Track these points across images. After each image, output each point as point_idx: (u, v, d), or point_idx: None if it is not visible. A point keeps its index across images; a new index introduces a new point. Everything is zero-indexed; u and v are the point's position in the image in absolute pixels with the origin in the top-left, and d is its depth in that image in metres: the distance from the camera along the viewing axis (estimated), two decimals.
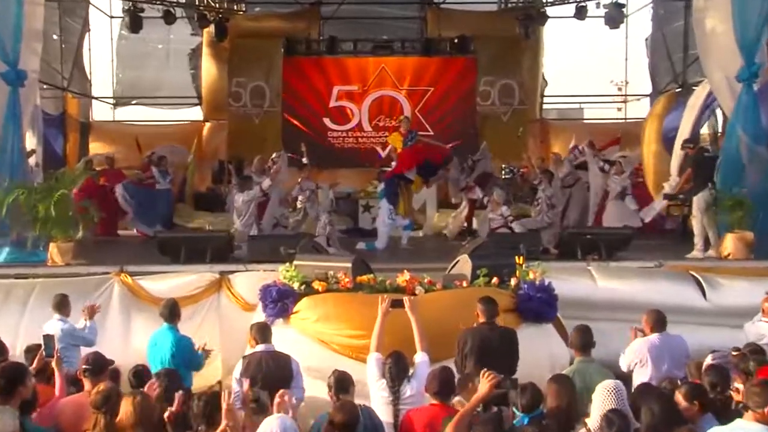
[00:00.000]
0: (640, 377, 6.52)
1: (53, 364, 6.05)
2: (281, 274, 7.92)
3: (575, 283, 8.85)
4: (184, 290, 8.89)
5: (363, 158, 18.16)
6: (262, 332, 6.55)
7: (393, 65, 18.25)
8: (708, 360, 6.12)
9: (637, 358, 6.63)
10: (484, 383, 5.04)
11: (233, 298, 8.95)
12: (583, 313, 8.11)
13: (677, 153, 12.55)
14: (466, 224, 14.21)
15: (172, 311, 7.13)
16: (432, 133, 18.00)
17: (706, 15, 10.75)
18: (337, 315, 7.36)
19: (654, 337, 6.71)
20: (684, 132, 12.37)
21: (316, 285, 7.69)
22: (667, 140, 15.20)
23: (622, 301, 8.70)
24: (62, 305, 7.57)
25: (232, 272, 9.32)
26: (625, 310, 8.29)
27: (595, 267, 9.40)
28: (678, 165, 12.43)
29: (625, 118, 20.70)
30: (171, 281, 9.15)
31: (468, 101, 18.24)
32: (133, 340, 8.50)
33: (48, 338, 6.24)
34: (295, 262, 7.99)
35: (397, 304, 6.75)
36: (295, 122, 18.02)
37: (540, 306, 7.54)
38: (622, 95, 21.99)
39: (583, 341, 6.26)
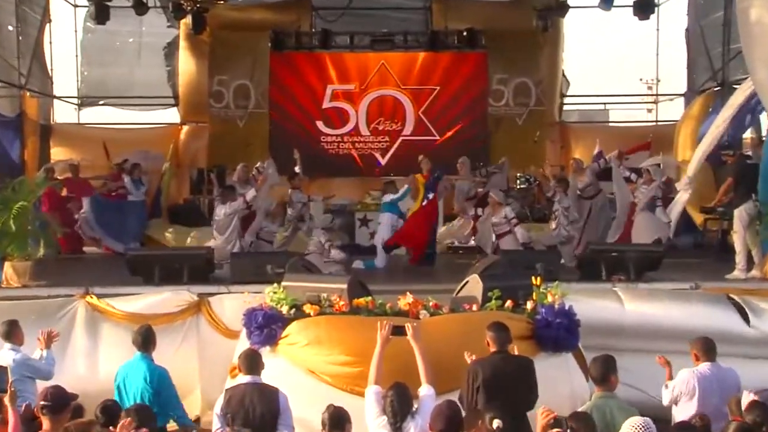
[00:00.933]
0: (683, 413, 6.48)
1: (6, 399, 5.84)
2: (268, 296, 7.97)
3: (599, 306, 8.88)
4: (158, 309, 8.94)
5: (360, 166, 18.24)
6: (251, 362, 6.51)
7: (394, 61, 18.35)
8: (750, 396, 6.07)
9: (684, 390, 6.59)
10: (541, 420, 5.05)
11: (213, 324, 8.99)
12: (607, 341, 8.15)
13: (700, 153, 12.47)
14: (473, 240, 14.23)
15: (146, 338, 7.16)
16: (438, 138, 18.11)
17: (751, 4, 10.48)
18: (329, 339, 7.38)
19: (704, 367, 6.67)
20: (713, 132, 12.18)
21: (308, 309, 7.72)
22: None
23: (653, 327, 8.72)
24: (11, 333, 7.45)
25: (213, 294, 9.36)
26: (656, 338, 8.32)
27: (621, 289, 9.43)
28: (695, 167, 12.35)
29: (656, 121, 20.74)
30: (144, 301, 9.21)
31: (479, 102, 18.33)
32: (100, 370, 8.52)
33: None
34: (283, 283, 8.04)
35: (398, 330, 6.77)
36: (284, 125, 18.10)
37: (559, 333, 7.57)
38: (652, 95, 22.07)
39: (603, 373, 6.23)
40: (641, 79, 24.24)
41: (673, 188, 13.20)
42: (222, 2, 18.41)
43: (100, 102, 19.97)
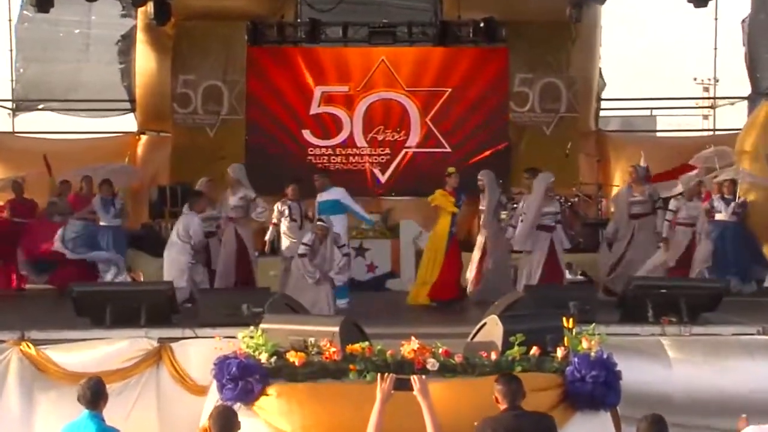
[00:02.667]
0: None
1: None
2: (243, 342, 7.99)
3: (639, 365, 8.83)
4: (109, 363, 8.94)
5: (355, 184, 18.25)
6: (225, 422, 6.36)
7: (396, 58, 18.43)
8: None
9: None
10: None
11: (177, 376, 8.99)
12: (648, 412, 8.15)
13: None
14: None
15: (95, 393, 7.16)
16: (449, 150, 18.16)
17: None
18: (315, 413, 7.42)
19: None
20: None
21: (292, 356, 7.75)
22: None
23: (709, 398, 8.68)
24: None
25: (176, 339, 9.37)
26: (714, 414, 8.29)
27: (669, 341, 9.41)
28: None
29: (714, 129, 20.81)
30: (90, 351, 9.20)
31: (498, 107, 18.38)
32: None
33: None
34: (262, 326, 8.07)
35: (402, 384, 6.80)
36: (264, 135, 18.16)
37: (596, 388, 7.61)
38: (709, 98, 22.16)
39: None
40: (695, 80, 24.36)
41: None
42: None
43: (40, 106, 19.99)
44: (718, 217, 13.63)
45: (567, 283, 13.25)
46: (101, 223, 14.39)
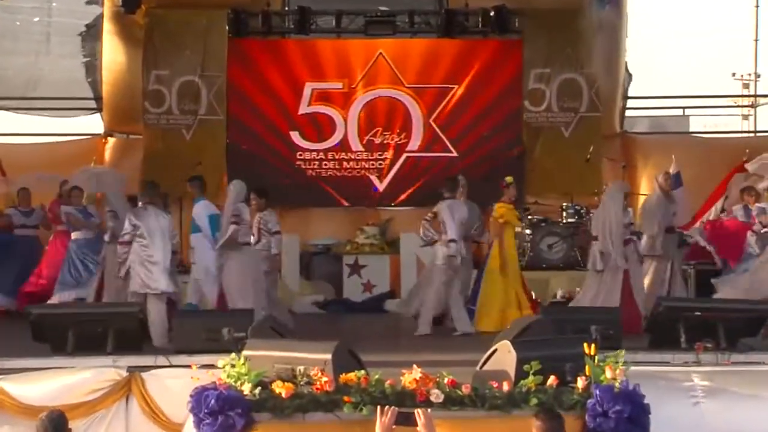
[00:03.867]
0: None
1: None
2: (224, 371, 8.00)
3: (670, 395, 8.85)
4: (71, 395, 8.94)
5: (350, 192, 18.30)
6: None
7: (396, 51, 18.50)
8: None
9: None
10: None
11: (149, 410, 9.00)
12: None
13: None
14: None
15: (56, 429, 7.18)
16: (455, 154, 18.20)
17: None
18: None
19: None
20: None
21: (278, 387, 7.75)
22: None
23: None
24: None
25: (148, 368, 9.38)
26: None
27: (705, 371, 9.41)
28: None
29: (756, 132, 20.84)
30: (50, 382, 9.20)
31: (511, 106, 18.44)
32: None
33: None
34: (245, 353, 8.07)
35: (404, 418, 6.81)
36: (247, 138, 18.19)
37: (620, 424, 7.59)
38: (749, 95, 22.19)
39: None
40: (734, 75, 24.38)
41: None
42: None
43: None
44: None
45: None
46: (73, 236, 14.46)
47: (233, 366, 7.98)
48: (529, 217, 16.74)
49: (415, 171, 18.17)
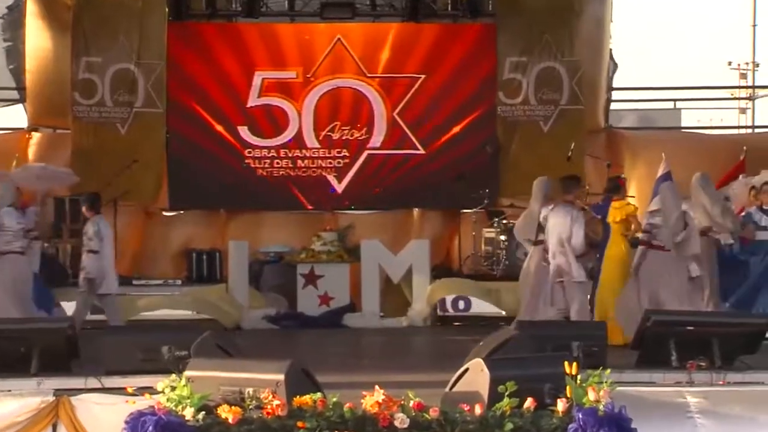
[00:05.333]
0: None
1: None
2: (163, 394, 7.96)
3: (660, 418, 8.88)
4: None
5: (305, 194, 18.29)
6: None
7: (357, 37, 18.47)
8: None
9: None
10: None
11: None
12: None
13: None
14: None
15: None
16: (422, 151, 18.21)
17: None
18: None
19: None
20: None
21: (224, 412, 7.73)
22: None
23: None
24: None
25: (78, 392, 9.33)
26: None
27: (698, 392, 9.46)
28: None
29: (753, 126, 21.01)
30: None
31: (483, 98, 18.47)
32: None
33: None
34: (187, 373, 8.06)
35: None
36: (190, 133, 18.14)
37: None
38: (747, 87, 22.37)
39: None
40: (730, 64, 24.59)
41: None
42: None
43: None
44: (760, 236, 13.67)
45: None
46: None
47: (173, 388, 7.95)
48: (504, 221, 16.79)
49: (378, 170, 18.19)
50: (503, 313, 15.47)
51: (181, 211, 18.33)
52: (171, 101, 18.16)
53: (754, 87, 21.74)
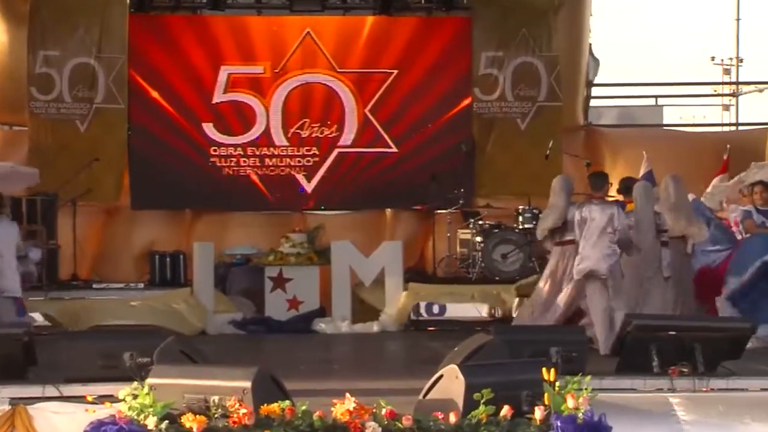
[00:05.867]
0: None
1: None
2: (125, 402, 7.94)
3: (640, 426, 8.86)
4: None
5: (273, 194, 18.27)
6: None
7: (327, 31, 18.47)
8: None
9: None
10: None
11: None
12: None
13: None
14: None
15: None
16: (394, 150, 18.21)
17: None
18: None
19: None
20: None
21: (188, 421, 7.70)
22: None
23: None
24: None
25: (34, 401, 9.29)
26: None
27: (680, 399, 9.48)
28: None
29: (737, 123, 21.10)
30: None
31: (458, 94, 18.50)
32: None
33: None
34: (149, 380, 8.03)
35: None
36: (153, 130, 18.08)
37: None
38: (730, 83, 22.48)
39: None
40: (713, 59, 24.69)
41: None
42: None
43: None
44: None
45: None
46: None
47: (135, 396, 7.93)
48: (480, 222, 16.81)
49: (349, 169, 18.21)
50: (479, 317, 15.53)
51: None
52: (133, 97, 18.11)
53: (737, 83, 21.88)
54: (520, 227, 16.92)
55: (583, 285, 12.69)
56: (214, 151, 18.18)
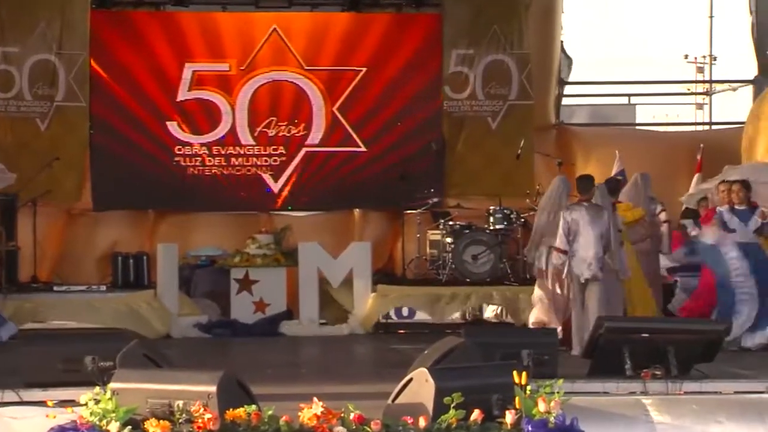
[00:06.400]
0: None
1: None
2: (86, 407, 7.91)
3: (613, 429, 8.90)
4: None
5: (239, 194, 18.22)
6: None
7: (294, 27, 18.42)
8: None
9: None
10: None
11: None
12: None
13: None
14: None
15: None
16: (362, 148, 18.20)
17: None
18: None
19: None
20: None
21: (152, 427, 7.68)
22: None
23: None
24: None
25: None
26: None
27: (653, 402, 9.50)
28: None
29: (710, 123, 21.16)
30: None
31: (428, 93, 18.51)
32: None
33: None
34: (112, 385, 7.99)
35: None
36: (115, 129, 17.98)
37: None
38: (704, 81, 22.55)
39: None
40: (686, 57, 24.77)
41: None
42: None
43: None
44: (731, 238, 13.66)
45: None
46: None
47: (97, 401, 7.89)
48: (450, 223, 16.80)
49: (317, 169, 18.18)
50: (450, 319, 15.55)
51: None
52: (95, 95, 18.00)
53: (711, 81, 21.95)
54: (491, 228, 16.87)
55: (580, 288, 12.83)
56: (179, 150, 18.10)
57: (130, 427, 7.73)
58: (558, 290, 13.22)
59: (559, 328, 12.90)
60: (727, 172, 14.49)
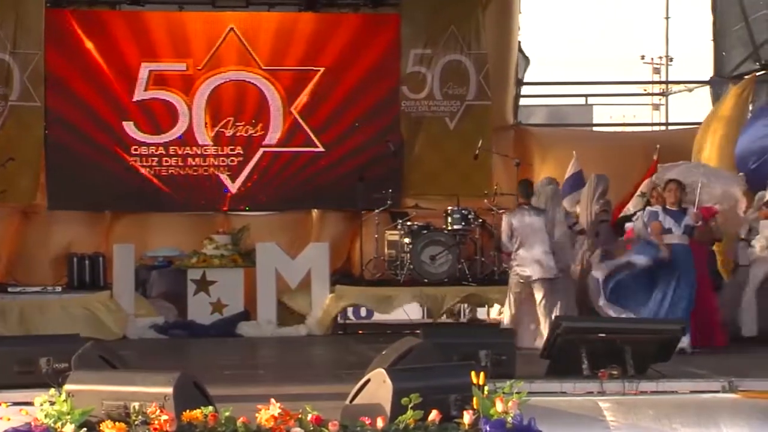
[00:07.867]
0: None
1: None
2: (41, 409, 7.87)
3: (570, 430, 8.95)
4: None
5: (196, 194, 18.17)
6: None
7: (250, 27, 18.38)
8: None
9: None
10: None
11: None
12: None
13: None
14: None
15: None
16: (321, 149, 18.18)
17: None
18: None
19: None
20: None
21: (107, 428, 7.65)
22: (744, 166, 15.75)
23: None
24: None
25: None
26: None
27: (610, 402, 9.55)
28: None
29: (667, 123, 21.28)
30: None
31: (385, 92, 18.48)
32: None
33: None
34: (67, 387, 7.94)
35: None
36: (70, 129, 17.90)
37: None
38: (660, 82, 22.67)
39: None
40: (643, 58, 24.90)
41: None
42: None
43: None
44: (666, 239, 13.64)
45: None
46: None
47: (52, 403, 7.86)
48: (408, 223, 16.82)
49: (274, 169, 18.13)
50: (408, 319, 15.58)
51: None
52: (50, 95, 17.86)
53: (667, 82, 22.09)
54: (449, 228, 16.91)
55: (531, 290, 12.97)
56: (135, 150, 17.99)
57: (85, 429, 7.70)
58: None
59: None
60: (663, 171, 14.66)
